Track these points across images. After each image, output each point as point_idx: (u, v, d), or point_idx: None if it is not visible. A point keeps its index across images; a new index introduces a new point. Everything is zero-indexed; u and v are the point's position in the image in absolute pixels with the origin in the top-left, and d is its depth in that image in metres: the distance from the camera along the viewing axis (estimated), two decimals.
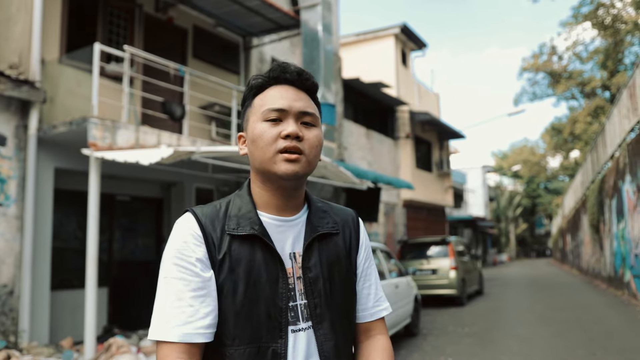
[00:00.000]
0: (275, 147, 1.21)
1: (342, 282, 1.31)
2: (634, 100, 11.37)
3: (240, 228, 1.22)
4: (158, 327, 1.15)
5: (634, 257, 11.90)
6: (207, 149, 6.37)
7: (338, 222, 1.36)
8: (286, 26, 10.84)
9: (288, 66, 1.29)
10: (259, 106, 1.26)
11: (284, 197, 1.28)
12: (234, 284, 1.19)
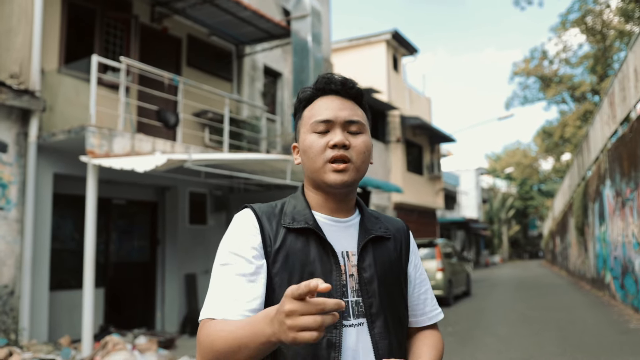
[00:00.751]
0: (324, 157, 1.28)
1: (393, 285, 1.35)
2: (614, 107, 11.78)
3: (295, 222, 1.29)
4: (212, 307, 1.19)
5: (614, 260, 12.32)
6: (198, 157, 6.73)
7: (390, 228, 1.42)
8: (278, 35, 11.22)
9: (333, 77, 1.36)
10: (308, 118, 1.34)
11: (336, 201, 1.34)
12: (290, 274, 1.24)
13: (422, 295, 1.44)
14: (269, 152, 11.29)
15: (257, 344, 1.04)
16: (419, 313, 1.43)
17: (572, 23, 25.64)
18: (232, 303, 1.18)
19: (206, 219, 10.44)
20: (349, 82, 1.36)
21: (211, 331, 1.13)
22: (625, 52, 10.53)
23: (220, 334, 1.10)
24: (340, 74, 1.36)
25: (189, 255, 9.93)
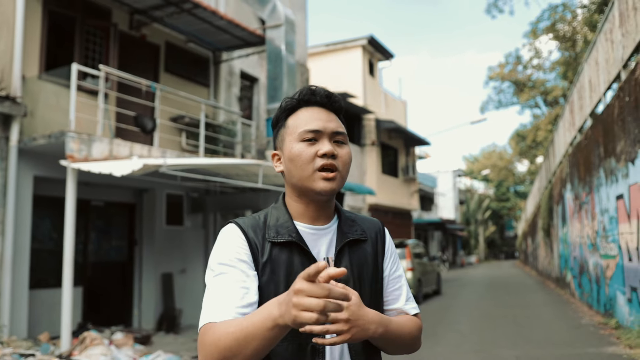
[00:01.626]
0: (313, 165, 1.32)
1: (370, 285, 1.40)
2: (573, 115, 12.41)
3: (279, 236, 1.33)
4: (207, 313, 1.22)
5: (573, 260, 12.95)
6: (173, 162, 7.11)
7: (366, 230, 1.46)
8: (253, 43, 11.62)
9: (317, 90, 1.41)
10: (294, 127, 1.37)
11: (317, 209, 1.39)
12: (276, 285, 1.29)
13: (396, 291, 1.48)
14: (244, 155, 11.68)
15: (265, 330, 1.07)
16: (392, 308, 1.47)
17: (543, 30, 26.37)
18: (229, 306, 1.21)
19: (183, 220, 10.81)
20: (333, 96, 1.42)
21: (216, 331, 1.15)
22: (582, 64, 11.14)
23: (227, 330, 1.13)
24: (323, 87, 1.43)
25: (166, 255, 10.28)
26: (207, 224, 11.36)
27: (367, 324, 1.24)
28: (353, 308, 1.21)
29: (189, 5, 9.62)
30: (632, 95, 6.96)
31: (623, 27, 7.50)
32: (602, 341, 7.67)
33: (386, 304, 1.46)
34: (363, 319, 1.23)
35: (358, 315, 1.22)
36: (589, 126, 10.36)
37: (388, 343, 1.34)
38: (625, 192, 7.73)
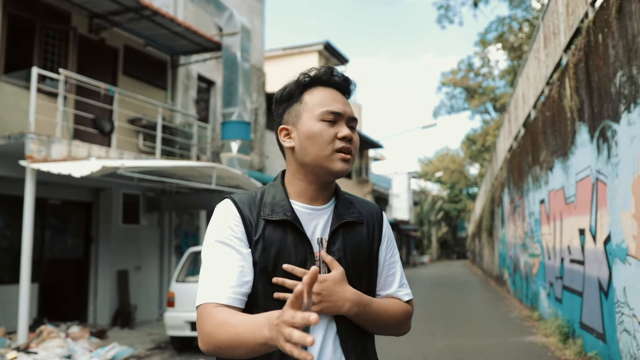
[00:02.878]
0: (333, 146, 1.33)
1: (363, 268, 1.40)
2: (510, 125, 13.33)
3: (274, 214, 1.34)
4: (203, 293, 1.26)
5: (509, 259, 13.90)
6: (131, 164, 7.52)
7: (363, 213, 1.46)
8: (210, 48, 12.06)
9: (335, 70, 1.42)
10: (313, 105, 1.37)
11: (318, 189, 1.40)
12: (266, 263, 1.30)
13: (389, 277, 1.48)
14: (199, 157, 12.10)
15: (256, 344, 1.09)
16: (384, 293, 1.48)
17: (492, 40, 27.58)
18: (224, 287, 1.25)
19: (139, 218, 11.15)
20: (350, 80, 1.43)
21: (212, 322, 1.20)
22: (516, 78, 12.04)
23: (223, 327, 1.17)
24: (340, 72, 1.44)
25: (122, 252, 10.60)
26: (162, 223, 11.73)
27: (340, 301, 1.28)
28: (328, 283, 1.27)
29: (149, 12, 10.00)
30: (551, 111, 7.77)
31: (547, 48, 8.32)
32: (524, 332, 8.48)
33: (379, 289, 1.47)
34: (337, 295, 1.28)
35: (332, 291, 1.27)
36: (521, 135, 11.24)
37: (367, 322, 1.36)
38: (545, 197, 8.57)
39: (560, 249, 7.61)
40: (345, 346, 1.32)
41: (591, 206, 5.86)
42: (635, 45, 4.27)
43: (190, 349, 8.17)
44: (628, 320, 4.70)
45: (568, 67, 6.56)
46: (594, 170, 5.67)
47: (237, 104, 10.94)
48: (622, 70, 4.61)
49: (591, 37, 5.54)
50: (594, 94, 5.53)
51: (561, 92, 7.02)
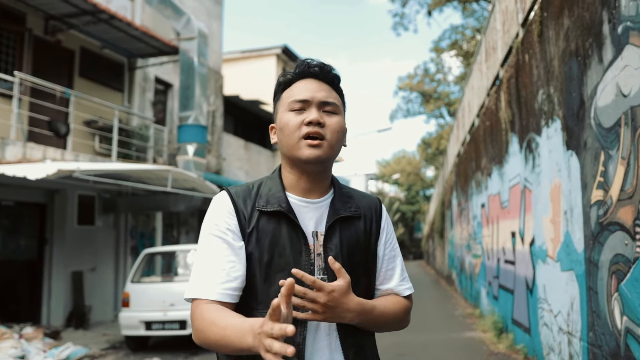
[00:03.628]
0: (299, 133, 1.34)
1: (360, 262, 1.40)
2: (458, 130, 13.95)
3: (269, 205, 1.36)
4: (193, 287, 1.30)
5: (457, 259, 14.53)
6: (86, 168, 7.67)
7: (361, 207, 1.46)
8: (168, 52, 12.21)
9: (312, 62, 1.42)
10: (286, 98, 1.40)
11: (310, 181, 1.40)
12: (261, 254, 1.32)
13: (389, 272, 1.48)
14: (156, 160, 12.23)
15: (241, 347, 1.15)
16: (385, 288, 1.48)
17: (446, 48, 28.42)
18: (215, 283, 1.28)
19: (94, 220, 11.21)
20: (327, 66, 1.43)
21: (203, 321, 1.25)
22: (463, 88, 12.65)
23: (211, 328, 1.22)
24: (319, 60, 1.44)
25: (77, 253, 10.65)
26: (118, 224, 11.81)
27: (343, 312, 1.27)
28: (335, 294, 1.25)
29: (105, 16, 10.11)
30: (490, 121, 8.32)
31: (488, 61, 8.87)
32: (465, 328, 9.01)
33: (379, 284, 1.47)
34: (341, 307, 1.26)
35: (338, 302, 1.26)
36: (467, 142, 11.83)
37: (369, 326, 1.38)
38: (486, 202, 9.13)
39: (497, 250, 8.16)
40: (344, 343, 1.33)
41: (520, 211, 6.39)
42: (552, 68, 4.76)
43: (144, 348, 8.36)
44: (547, 315, 5.21)
45: (503, 81, 7.09)
46: (523, 178, 6.18)
47: (193, 108, 11.15)
48: (542, 89, 5.11)
49: (520, 56, 6.06)
50: (523, 109, 6.04)
51: (497, 104, 7.56)
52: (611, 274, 3.51)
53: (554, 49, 4.72)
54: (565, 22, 4.36)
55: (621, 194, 3.31)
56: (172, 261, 8.99)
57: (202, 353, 7.79)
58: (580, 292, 4.16)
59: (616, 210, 3.40)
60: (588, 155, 3.91)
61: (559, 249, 4.73)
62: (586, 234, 3.98)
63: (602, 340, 3.70)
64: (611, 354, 3.55)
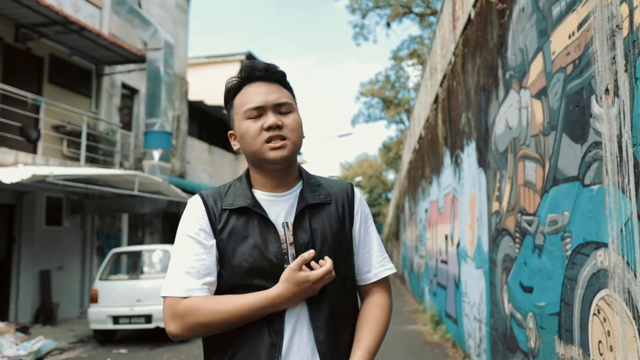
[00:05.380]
0: (260, 138, 1.39)
1: (335, 246, 1.43)
2: (411, 139, 14.90)
3: (235, 203, 1.43)
4: (168, 285, 1.38)
5: (408, 259, 15.49)
6: (59, 173, 8.22)
7: (332, 193, 1.50)
8: (135, 60, 12.75)
9: (256, 64, 1.45)
10: (239, 106, 1.44)
11: (276, 178, 1.46)
12: (233, 248, 1.40)
13: (366, 254, 1.50)
14: (122, 164, 12.75)
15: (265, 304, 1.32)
16: (365, 271, 1.50)
17: (405, 57, 29.50)
18: (192, 280, 1.36)
19: (62, 220, 11.67)
20: (271, 67, 1.45)
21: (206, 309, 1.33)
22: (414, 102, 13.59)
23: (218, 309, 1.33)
24: (263, 62, 1.48)
25: (44, 253, 11.11)
26: (85, 225, 12.29)
27: None
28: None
29: (76, 27, 10.62)
30: (431, 135, 9.22)
31: (431, 79, 9.78)
32: (408, 322, 9.89)
33: (359, 270, 1.51)
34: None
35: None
36: (416, 150, 12.77)
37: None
38: (428, 207, 10.04)
39: (436, 251, 9.06)
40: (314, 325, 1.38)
41: (451, 217, 7.28)
42: (470, 96, 5.63)
43: (111, 342, 8.94)
44: (467, 307, 6.09)
45: (439, 101, 7.98)
46: (453, 188, 7.07)
47: (159, 115, 11.74)
48: (464, 113, 5.99)
49: (451, 81, 6.94)
50: (452, 127, 6.93)
51: (436, 120, 8.45)
52: (502, 270, 4.38)
53: (471, 80, 5.60)
54: (477, 60, 5.23)
55: (508, 206, 4.18)
56: (139, 260, 9.57)
57: (166, 345, 8.43)
58: (486, 286, 5.03)
59: (505, 219, 4.26)
60: (490, 173, 4.78)
61: (474, 250, 5.61)
62: (489, 238, 4.85)
63: (498, 324, 4.57)
64: (502, 335, 4.41)
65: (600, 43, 2.47)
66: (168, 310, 1.37)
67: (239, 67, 1.50)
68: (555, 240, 3.13)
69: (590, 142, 2.60)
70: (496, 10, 4.36)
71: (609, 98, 2.40)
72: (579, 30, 2.74)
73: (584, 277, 2.70)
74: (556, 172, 3.08)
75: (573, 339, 2.85)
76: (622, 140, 2.25)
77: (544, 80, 3.28)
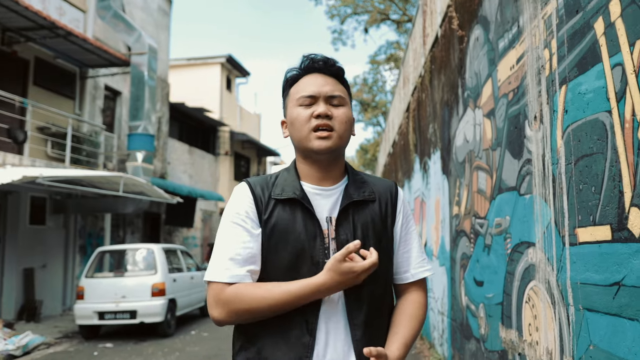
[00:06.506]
0: (309, 126, 1.43)
1: (376, 244, 1.44)
2: (386, 143, 15.47)
3: (284, 193, 1.45)
4: (213, 270, 1.40)
5: None
6: (49, 174, 8.56)
7: (376, 191, 1.52)
8: (119, 64, 13.07)
9: (316, 57, 1.50)
10: (294, 94, 1.48)
11: (322, 169, 1.49)
12: (277, 239, 1.42)
13: (405, 254, 1.53)
14: (105, 165, 13.06)
15: (309, 292, 1.34)
16: (402, 270, 1.52)
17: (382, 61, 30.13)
18: (238, 266, 1.38)
19: (45, 220, 11.95)
20: (330, 60, 1.49)
21: (254, 294, 1.36)
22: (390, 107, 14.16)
23: (265, 295, 1.35)
24: (322, 54, 1.51)
25: (28, 251, 11.38)
26: (67, 224, 12.57)
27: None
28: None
29: (62, 32, 10.92)
30: (403, 141, 9.77)
31: (404, 88, 10.33)
32: None
33: (397, 270, 1.53)
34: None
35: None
36: (391, 154, 13.33)
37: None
38: None
39: None
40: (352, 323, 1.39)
41: (420, 218, 7.82)
42: (436, 109, 6.18)
43: (96, 337, 9.29)
44: (432, 301, 6.64)
45: (410, 110, 8.52)
46: (421, 192, 7.62)
47: (143, 118, 12.09)
48: (432, 124, 6.54)
49: (420, 93, 7.49)
50: (422, 136, 7.48)
51: (408, 128, 9.00)
52: (461, 267, 4.92)
53: (437, 95, 6.14)
54: (442, 77, 5.78)
55: (465, 210, 4.71)
56: (123, 258, 9.93)
57: (150, 339, 8.83)
58: (448, 282, 5.57)
59: (463, 221, 4.80)
60: (452, 180, 5.32)
61: (438, 250, 6.15)
62: (450, 238, 5.40)
63: (457, 315, 5.11)
64: (460, 324, 4.95)
65: (531, 78, 3.00)
66: (213, 296, 1.39)
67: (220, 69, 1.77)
68: (499, 240, 3.66)
69: (524, 158, 3.13)
70: (457, 36, 4.89)
71: (537, 124, 2.93)
72: (517, 64, 3.27)
73: (519, 271, 3.23)
74: (501, 182, 3.62)
75: (512, 324, 3.39)
76: (545, 159, 2.78)
77: (493, 103, 3.81)
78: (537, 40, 2.89)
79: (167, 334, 9.14)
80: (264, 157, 26.91)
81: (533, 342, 2.99)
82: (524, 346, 3.16)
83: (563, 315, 2.54)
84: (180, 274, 10.06)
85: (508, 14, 3.43)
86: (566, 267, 2.48)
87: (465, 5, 4.62)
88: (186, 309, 10.31)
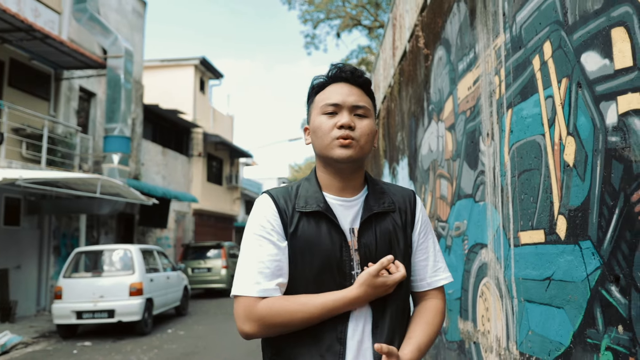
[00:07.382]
0: (331, 135, 1.43)
1: (398, 254, 1.47)
2: None
3: (308, 205, 1.45)
4: (241, 285, 1.39)
5: None
6: (28, 176, 8.72)
7: (395, 200, 1.54)
8: (94, 66, 13.19)
9: (343, 66, 1.51)
10: (319, 101, 1.49)
11: (343, 179, 1.49)
12: (304, 253, 1.42)
13: (422, 262, 1.55)
14: (81, 166, 13.17)
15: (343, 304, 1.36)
16: (419, 278, 1.54)
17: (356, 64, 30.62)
18: (267, 280, 1.39)
19: (20, 221, 12.01)
20: (358, 71, 1.51)
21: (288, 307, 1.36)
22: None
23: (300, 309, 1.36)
24: (349, 64, 1.55)
25: (2, 252, 11.42)
26: (42, 225, 12.64)
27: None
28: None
29: (40, 35, 11.04)
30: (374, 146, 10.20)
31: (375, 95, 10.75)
32: None
33: (414, 277, 1.55)
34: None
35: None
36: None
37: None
38: None
39: None
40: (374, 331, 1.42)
41: None
42: (404, 119, 6.60)
43: (74, 336, 9.47)
44: None
45: (380, 118, 8.95)
46: None
47: (119, 121, 12.26)
48: (400, 132, 6.96)
49: (390, 102, 7.92)
50: (391, 143, 7.90)
51: (378, 134, 9.43)
52: None
53: (405, 105, 6.57)
54: (410, 90, 6.20)
55: (429, 214, 5.14)
56: (100, 259, 10.11)
57: (128, 337, 9.06)
58: None
59: None
60: (418, 186, 5.75)
61: None
62: None
63: None
64: None
65: (485, 99, 3.42)
66: (244, 312, 1.38)
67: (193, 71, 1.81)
68: (458, 242, 4.09)
69: (479, 169, 3.56)
70: (423, 54, 5.32)
71: (489, 140, 3.35)
72: (474, 85, 3.69)
73: (474, 269, 3.65)
74: (459, 190, 4.04)
75: (468, 316, 3.81)
76: (495, 171, 3.20)
77: (453, 118, 4.23)
78: (489, 67, 3.31)
79: (145, 332, 9.38)
80: (236, 159, 27.12)
81: (485, 332, 3.41)
82: (478, 335, 3.58)
83: (509, 306, 2.96)
84: (157, 274, 10.31)
85: (466, 40, 3.85)
86: (511, 265, 2.90)
87: (430, 26, 5.05)
88: (162, 308, 10.56)
